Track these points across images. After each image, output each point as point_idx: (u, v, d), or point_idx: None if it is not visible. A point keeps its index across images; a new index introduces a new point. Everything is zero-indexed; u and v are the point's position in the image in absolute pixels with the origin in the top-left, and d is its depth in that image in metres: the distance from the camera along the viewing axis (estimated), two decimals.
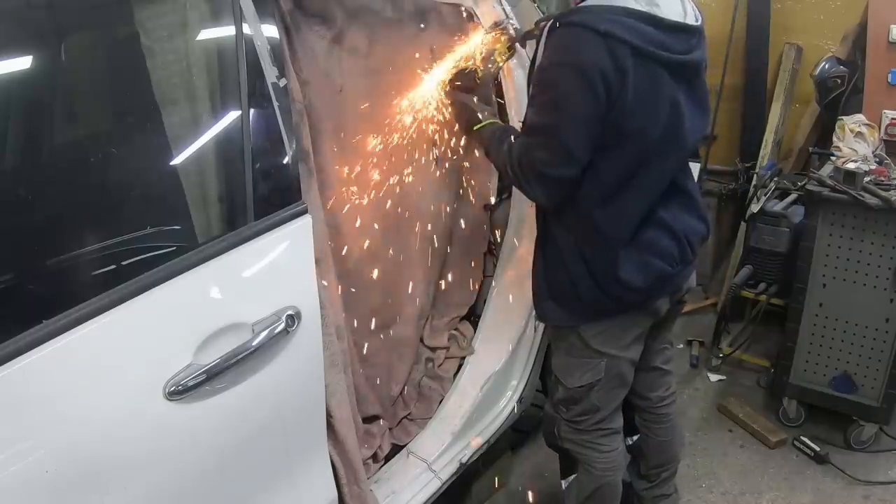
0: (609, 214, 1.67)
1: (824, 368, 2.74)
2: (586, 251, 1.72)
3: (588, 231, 1.70)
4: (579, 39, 1.51)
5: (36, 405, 1.08)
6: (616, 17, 1.52)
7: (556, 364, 1.95)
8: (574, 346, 1.86)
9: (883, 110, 3.08)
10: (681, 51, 1.61)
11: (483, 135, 1.79)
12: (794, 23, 3.69)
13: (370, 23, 1.90)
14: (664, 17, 1.58)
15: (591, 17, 1.52)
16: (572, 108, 1.54)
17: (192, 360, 1.26)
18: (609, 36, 1.50)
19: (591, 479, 2.01)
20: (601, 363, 1.84)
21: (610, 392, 1.91)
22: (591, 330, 1.81)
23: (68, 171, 1.29)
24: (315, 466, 1.63)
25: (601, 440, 1.98)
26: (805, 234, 2.68)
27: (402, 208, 2.17)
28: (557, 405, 1.98)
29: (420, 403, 2.27)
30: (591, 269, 1.72)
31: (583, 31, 1.51)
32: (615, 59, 1.51)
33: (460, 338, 2.41)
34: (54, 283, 1.21)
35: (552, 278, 1.81)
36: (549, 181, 1.61)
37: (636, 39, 1.52)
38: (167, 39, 1.36)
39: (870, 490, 2.54)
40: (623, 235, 1.70)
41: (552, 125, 1.57)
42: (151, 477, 1.23)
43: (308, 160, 1.60)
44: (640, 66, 1.54)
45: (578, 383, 1.88)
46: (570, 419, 1.97)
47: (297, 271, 1.48)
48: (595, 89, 1.51)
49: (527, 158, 1.61)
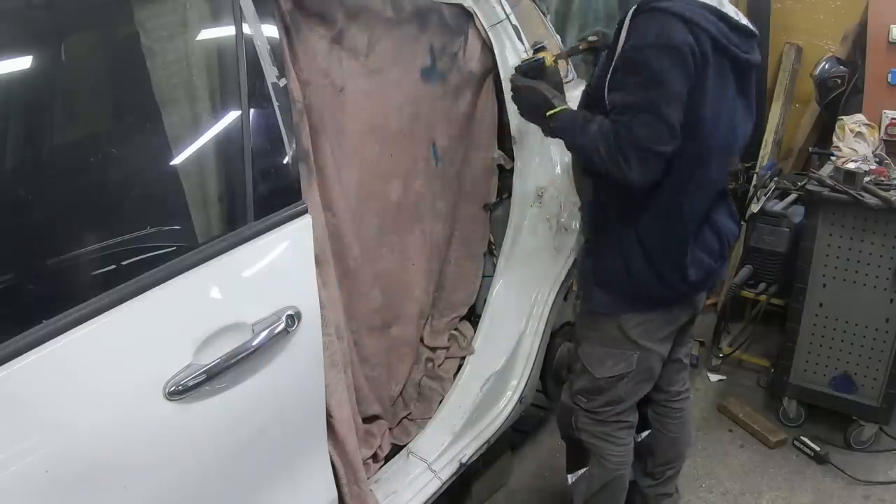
0: (681, 206, 1.72)
1: (824, 368, 2.74)
2: (650, 241, 1.74)
3: (656, 220, 1.73)
4: (667, 23, 1.57)
5: (36, 405, 1.08)
6: (695, 7, 1.59)
7: (586, 353, 1.94)
8: (610, 336, 1.87)
9: (883, 110, 3.09)
10: (744, 50, 1.68)
11: (561, 119, 1.76)
12: (794, 23, 3.69)
13: (370, 23, 1.90)
14: (731, 16, 1.66)
15: (675, 5, 1.58)
16: (668, 86, 1.56)
17: (192, 360, 1.26)
18: (693, 23, 1.57)
19: (603, 473, 2.03)
20: (634, 355, 1.87)
21: (637, 385, 1.93)
22: (633, 320, 1.83)
23: (68, 171, 1.29)
24: (315, 466, 1.63)
25: (618, 433, 2.00)
26: (805, 234, 2.67)
27: (402, 208, 2.17)
28: (577, 395, 1.99)
29: (420, 403, 2.27)
30: (652, 258, 1.75)
31: (670, 16, 1.57)
32: (699, 44, 1.57)
33: (460, 338, 2.41)
34: (54, 283, 1.21)
35: (602, 265, 1.84)
36: (650, 158, 1.59)
37: (714, 31, 1.60)
38: (167, 39, 1.36)
39: (870, 490, 2.54)
40: (692, 228, 1.75)
41: (650, 102, 1.57)
42: (151, 477, 1.23)
43: (308, 160, 1.60)
44: (714, 58, 1.61)
45: (609, 374, 1.90)
46: (591, 409, 1.98)
47: (297, 271, 1.48)
48: (686, 67, 1.56)
49: (627, 137, 1.58)
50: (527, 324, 2.32)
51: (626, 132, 1.58)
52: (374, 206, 2.04)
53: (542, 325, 2.34)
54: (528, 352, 2.33)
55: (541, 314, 2.33)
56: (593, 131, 1.65)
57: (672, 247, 1.75)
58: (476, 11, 2.25)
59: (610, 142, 1.61)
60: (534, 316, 2.32)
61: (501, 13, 2.29)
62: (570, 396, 2.03)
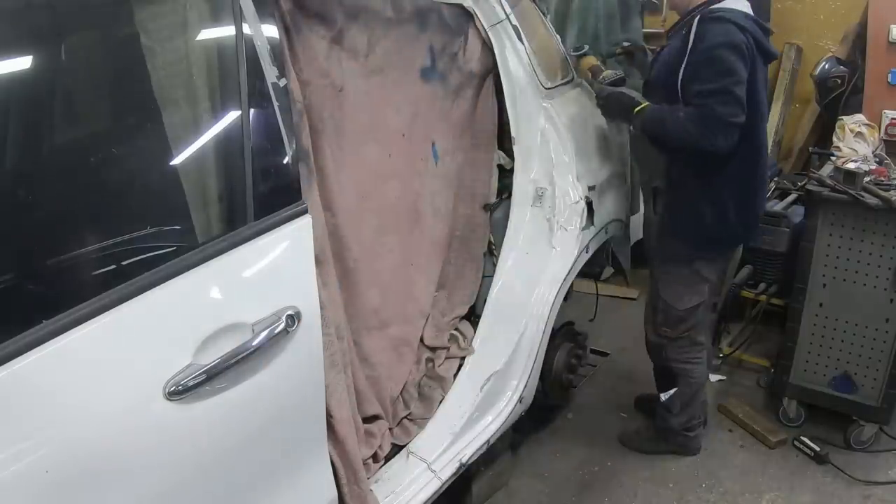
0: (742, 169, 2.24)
1: (824, 368, 2.74)
2: (720, 198, 2.26)
3: (725, 182, 2.24)
4: (729, 28, 2.10)
5: (36, 405, 1.08)
6: (739, 16, 2.13)
7: (667, 293, 2.45)
8: (685, 276, 2.40)
9: (883, 110, 3.09)
10: (773, 51, 2.26)
11: (650, 112, 2.22)
12: (794, 23, 3.70)
13: (370, 23, 1.90)
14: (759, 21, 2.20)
15: (727, 14, 2.12)
16: (736, 74, 2.06)
17: (192, 360, 1.26)
18: (743, 28, 2.11)
19: (690, 387, 2.58)
20: (705, 287, 2.42)
21: (704, 312, 2.51)
22: (704, 259, 2.38)
23: (68, 171, 1.29)
24: (315, 466, 1.63)
25: (698, 354, 2.57)
26: (805, 234, 2.67)
27: (402, 208, 2.17)
28: (662, 328, 2.51)
29: (420, 403, 2.27)
30: (721, 212, 2.26)
31: (728, 22, 2.10)
32: (749, 47, 2.11)
33: (460, 338, 2.41)
34: (54, 283, 1.21)
35: (680, 220, 2.35)
36: (731, 128, 2.08)
37: (754, 32, 2.13)
38: (167, 39, 1.36)
39: (870, 490, 2.54)
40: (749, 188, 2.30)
41: (726, 87, 2.06)
42: (151, 477, 1.23)
43: (308, 160, 1.60)
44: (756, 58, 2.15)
45: (688, 305, 2.43)
46: (677, 337, 2.50)
47: (297, 271, 1.48)
48: (745, 60, 2.09)
49: (711, 115, 2.06)
50: (527, 324, 2.32)
51: (710, 111, 2.06)
52: (373, 206, 2.04)
53: (542, 325, 2.34)
54: (528, 352, 2.33)
55: (541, 314, 2.33)
56: (681, 117, 2.11)
57: (735, 202, 2.26)
58: (476, 11, 2.25)
59: (695, 122, 2.08)
60: (534, 316, 2.32)
61: (501, 13, 2.29)
62: (656, 333, 2.55)
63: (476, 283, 2.51)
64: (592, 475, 2.65)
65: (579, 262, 2.45)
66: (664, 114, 2.19)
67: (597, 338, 3.16)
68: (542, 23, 2.62)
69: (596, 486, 2.60)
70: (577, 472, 2.67)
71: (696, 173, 2.27)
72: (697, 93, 2.09)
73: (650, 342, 2.64)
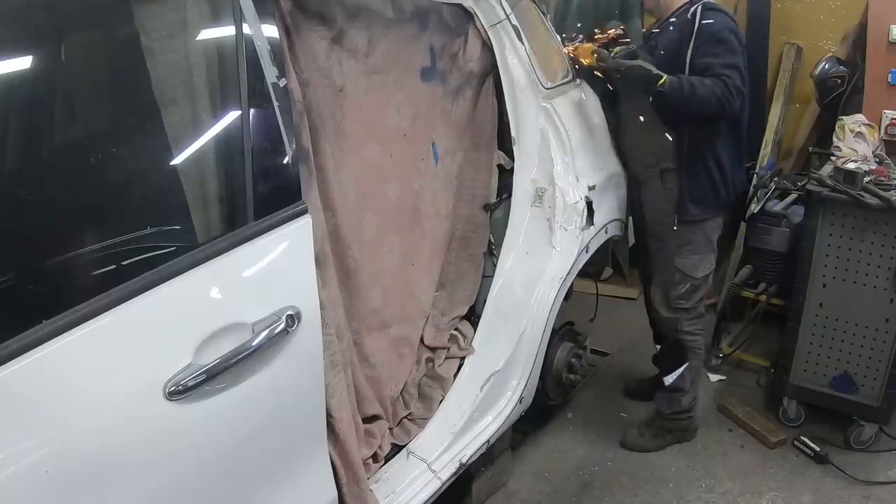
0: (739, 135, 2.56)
1: (824, 368, 2.74)
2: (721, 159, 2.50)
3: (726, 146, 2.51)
4: (726, 16, 2.47)
5: (36, 405, 1.08)
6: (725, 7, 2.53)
7: (684, 264, 2.60)
8: (699, 244, 2.58)
9: (883, 110, 3.09)
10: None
11: (675, 84, 2.35)
12: (794, 23, 3.69)
13: (370, 23, 1.90)
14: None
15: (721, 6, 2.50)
16: (740, 54, 2.41)
17: (192, 360, 1.26)
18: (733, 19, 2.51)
19: (697, 360, 2.75)
20: (713, 256, 2.65)
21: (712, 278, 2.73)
22: (711, 223, 2.59)
23: (68, 171, 1.29)
24: (315, 466, 1.63)
25: (702, 326, 2.74)
26: (805, 234, 2.68)
27: (403, 208, 2.17)
28: (677, 301, 2.64)
29: (420, 403, 2.27)
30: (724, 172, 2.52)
31: (724, 13, 2.47)
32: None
33: (460, 338, 2.41)
34: (54, 283, 1.21)
35: (695, 185, 2.52)
36: (741, 96, 2.38)
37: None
38: (167, 39, 1.36)
39: (870, 490, 2.54)
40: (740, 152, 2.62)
41: (735, 62, 2.37)
42: (151, 477, 1.23)
43: (308, 160, 1.60)
44: None
45: (703, 273, 2.62)
46: (691, 307, 2.66)
47: (297, 271, 1.48)
48: (742, 42, 2.45)
49: (732, 84, 2.34)
50: (527, 324, 2.32)
51: (731, 81, 2.34)
52: (373, 205, 2.04)
53: (542, 325, 2.34)
54: (528, 352, 2.33)
55: (541, 314, 2.33)
56: (708, 84, 2.34)
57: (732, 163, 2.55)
58: (476, 11, 2.25)
59: (721, 88, 2.33)
60: (534, 316, 2.32)
61: (501, 13, 2.29)
62: (670, 308, 2.67)
63: (476, 282, 2.51)
64: (592, 475, 2.65)
65: (579, 261, 2.45)
66: (692, 81, 2.38)
67: (597, 338, 3.16)
68: (542, 23, 2.62)
69: (596, 486, 2.60)
70: (577, 472, 2.67)
71: (705, 139, 2.51)
72: (715, 65, 2.36)
73: (663, 319, 2.73)
